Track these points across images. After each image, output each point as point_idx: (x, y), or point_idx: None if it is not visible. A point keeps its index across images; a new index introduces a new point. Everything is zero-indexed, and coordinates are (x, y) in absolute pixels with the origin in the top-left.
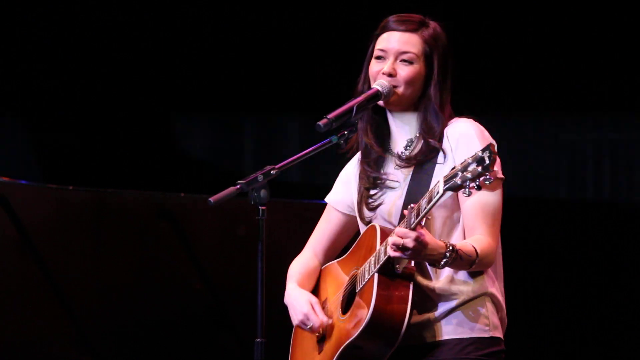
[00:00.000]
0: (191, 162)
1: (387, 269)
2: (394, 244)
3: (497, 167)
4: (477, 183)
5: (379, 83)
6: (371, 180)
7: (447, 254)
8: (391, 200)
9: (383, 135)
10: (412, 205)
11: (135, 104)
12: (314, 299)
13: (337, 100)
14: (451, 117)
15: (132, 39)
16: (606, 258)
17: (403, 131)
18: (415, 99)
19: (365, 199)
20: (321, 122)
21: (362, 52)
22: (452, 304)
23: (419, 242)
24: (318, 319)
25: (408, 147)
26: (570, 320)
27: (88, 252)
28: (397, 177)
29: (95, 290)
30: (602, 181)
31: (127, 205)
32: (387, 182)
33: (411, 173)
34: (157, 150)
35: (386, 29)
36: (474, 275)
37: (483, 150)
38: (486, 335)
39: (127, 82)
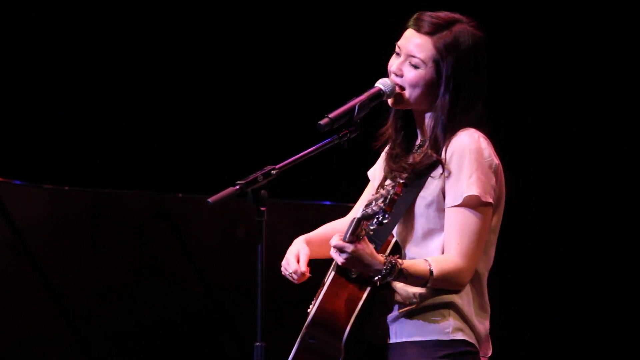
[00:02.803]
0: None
1: (344, 271)
2: (332, 248)
3: (483, 190)
4: (377, 220)
5: (381, 82)
6: (390, 172)
7: (384, 271)
8: None
9: (409, 131)
10: (355, 217)
11: (134, 102)
12: (305, 249)
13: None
14: (465, 127)
15: (131, 39)
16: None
17: (420, 131)
18: (426, 104)
19: (378, 188)
20: (322, 122)
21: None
22: (411, 307)
23: (352, 256)
24: (295, 265)
25: (420, 148)
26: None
27: (85, 253)
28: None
29: (92, 292)
30: None
31: (125, 206)
32: (399, 177)
33: (407, 175)
34: (156, 149)
35: (409, 24)
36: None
37: (392, 186)
38: (445, 337)
39: (125, 81)
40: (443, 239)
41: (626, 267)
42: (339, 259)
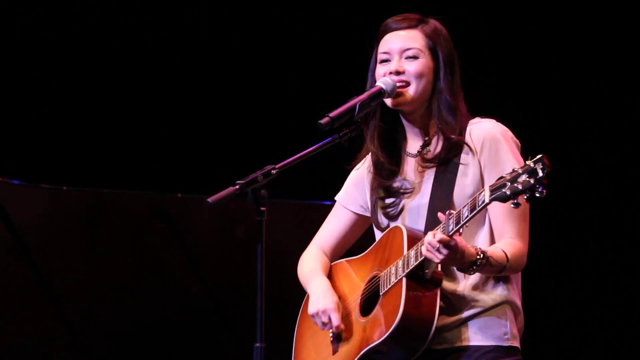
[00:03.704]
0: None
1: (416, 274)
2: (430, 246)
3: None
4: (529, 195)
5: (382, 81)
6: (385, 191)
7: (478, 261)
8: (414, 205)
9: (394, 141)
10: (450, 211)
11: (133, 102)
12: (334, 300)
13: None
14: (469, 116)
15: (131, 39)
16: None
17: (419, 132)
18: (427, 95)
19: (382, 209)
20: (323, 121)
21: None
22: (474, 310)
23: (455, 249)
24: (338, 320)
25: (426, 147)
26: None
27: (83, 253)
28: (415, 179)
29: (91, 292)
30: None
31: (124, 206)
32: (403, 187)
33: (434, 173)
34: (155, 149)
35: (386, 31)
36: (497, 282)
37: (535, 162)
38: (505, 344)
39: (125, 81)
40: (488, 226)
41: (626, 265)
42: (439, 255)
